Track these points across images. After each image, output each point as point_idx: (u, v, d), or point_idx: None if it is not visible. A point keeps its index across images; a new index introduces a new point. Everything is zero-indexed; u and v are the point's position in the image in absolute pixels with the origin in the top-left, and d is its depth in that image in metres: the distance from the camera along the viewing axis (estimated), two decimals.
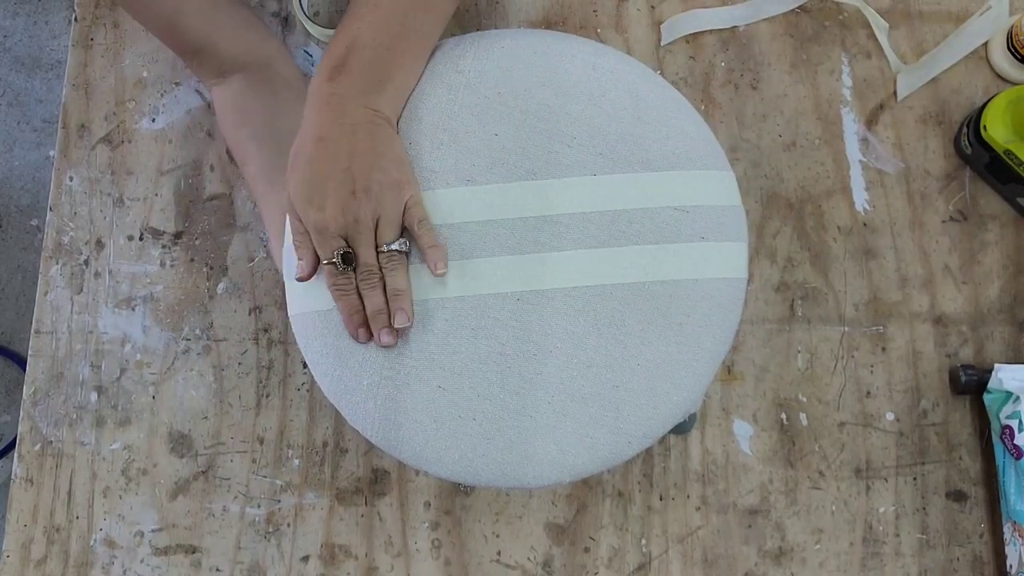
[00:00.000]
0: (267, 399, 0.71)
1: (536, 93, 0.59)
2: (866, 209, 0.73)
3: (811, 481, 0.69)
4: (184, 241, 0.74)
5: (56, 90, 1.52)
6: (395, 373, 0.56)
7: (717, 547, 0.68)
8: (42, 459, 0.71)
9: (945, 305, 0.72)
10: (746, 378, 0.71)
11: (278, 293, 0.72)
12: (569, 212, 0.57)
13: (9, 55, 1.54)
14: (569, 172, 0.58)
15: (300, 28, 0.77)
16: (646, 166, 0.58)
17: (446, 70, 0.60)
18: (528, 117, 0.59)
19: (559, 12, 0.77)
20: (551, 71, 0.60)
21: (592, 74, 0.60)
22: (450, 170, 0.58)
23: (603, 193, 0.58)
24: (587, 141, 0.58)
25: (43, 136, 1.51)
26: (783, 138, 0.75)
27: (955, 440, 0.70)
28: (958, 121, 0.75)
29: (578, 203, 0.57)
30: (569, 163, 0.58)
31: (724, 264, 0.58)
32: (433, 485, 0.69)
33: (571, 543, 0.68)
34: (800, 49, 0.76)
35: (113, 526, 0.69)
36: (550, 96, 0.59)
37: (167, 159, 0.75)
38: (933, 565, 0.68)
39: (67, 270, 0.73)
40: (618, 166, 0.58)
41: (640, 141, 0.59)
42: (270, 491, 0.70)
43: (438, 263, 0.55)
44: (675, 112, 0.59)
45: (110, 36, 0.77)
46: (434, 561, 0.68)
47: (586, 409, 0.55)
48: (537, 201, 0.57)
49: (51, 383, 0.72)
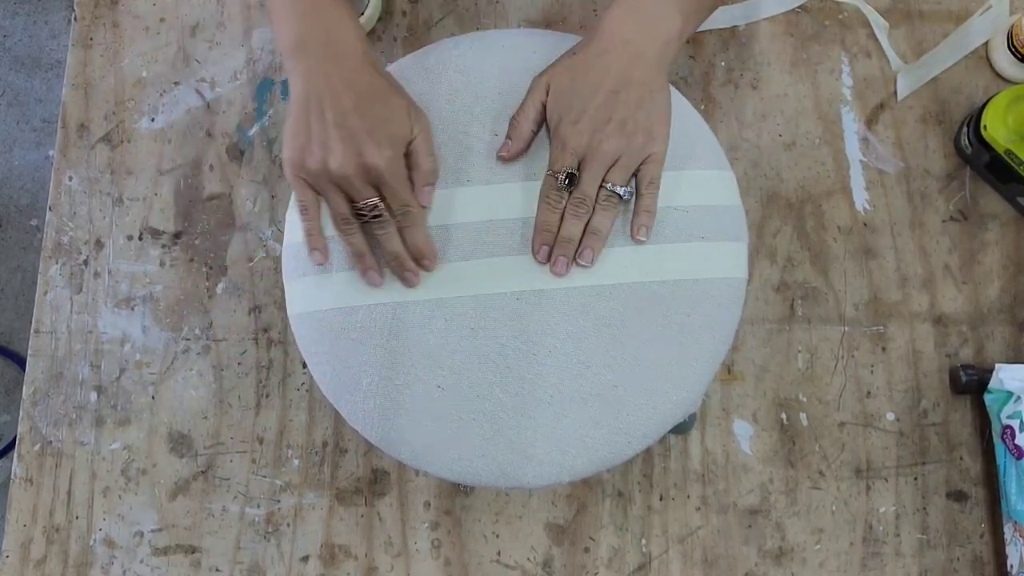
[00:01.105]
0: (267, 399, 0.71)
1: None
2: (866, 209, 0.73)
3: (811, 481, 0.69)
4: (183, 241, 0.74)
5: (56, 90, 1.52)
6: (395, 373, 0.55)
7: (717, 547, 0.68)
8: (42, 459, 0.70)
9: (945, 305, 0.72)
10: (746, 378, 0.71)
11: (277, 293, 0.72)
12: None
13: (9, 55, 1.54)
14: None
15: None
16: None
17: (446, 70, 0.60)
18: None
19: (559, 12, 0.77)
20: None
21: None
22: (450, 170, 0.58)
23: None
24: None
25: (42, 136, 1.51)
26: (783, 138, 0.75)
27: (955, 440, 0.70)
28: (958, 121, 0.74)
29: None
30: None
31: (724, 264, 0.57)
32: (433, 485, 0.69)
33: (571, 543, 0.68)
34: (800, 48, 0.76)
35: (112, 526, 0.69)
36: None
37: (166, 159, 0.75)
38: (933, 565, 0.68)
39: (66, 270, 0.73)
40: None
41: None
42: (270, 491, 0.70)
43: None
44: (675, 112, 0.59)
45: (110, 36, 0.77)
46: (434, 561, 0.68)
47: (586, 409, 0.55)
48: (537, 201, 0.57)
49: (51, 383, 0.72)
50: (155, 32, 0.77)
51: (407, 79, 0.59)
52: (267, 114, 0.75)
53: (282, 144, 0.56)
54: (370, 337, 0.56)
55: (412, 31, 0.77)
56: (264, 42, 0.77)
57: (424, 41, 0.75)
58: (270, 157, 0.75)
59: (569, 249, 0.55)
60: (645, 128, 0.55)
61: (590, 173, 0.54)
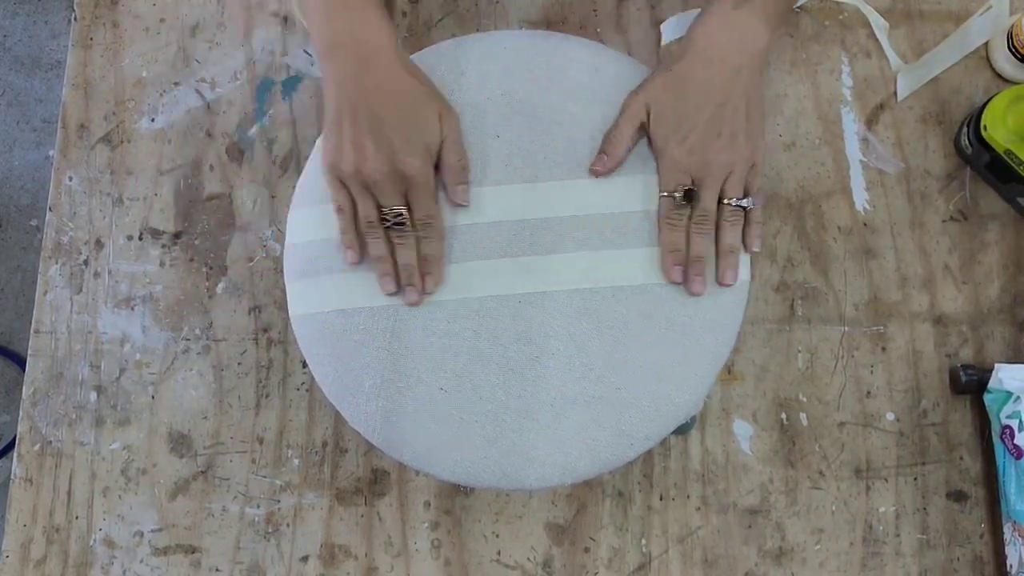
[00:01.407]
0: (267, 399, 0.71)
1: (538, 95, 0.59)
2: (866, 209, 0.73)
3: (811, 481, 0.69)
4: (183, 241, 0.74)
5: (56, 90, 1.52)
6: (396, 375, 0.56)
7: (717, 547, 0.68)
8: (41, 459, 0.70)
9: (945, 305, 0.72)
10: (746, 378, 0.71)
11: (278, 293, 0.72)
12: (571, 214, 0.57)
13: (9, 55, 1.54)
14: (571, 174, 0.58)
15: (300, 27, 0.77)
16: (648, 167, 0.58)
17: (448, 71, 0.60)
18: (530, 119, 0.59)
19: (559, 12, 0.77)
20: (553, 73, 0.60)
21: (595, 76, 0.60)
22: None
23: (605, 195, 0.58)
24: (589, 143, 0.58)
25: (43, 136, 1.51)
26: (783, 138, 0.75)
27: (955, 440, 0.70)
28: (958, 121, 0.74)
29: (580, 205, 0.57)
30: (571, 165, 0.58)
31: None
32: (433, 485, 0.69)
33: (571, 543, 0.68)
34: (800, 48, 0.76)
35: (112, 526, 0.69)
36: (552, 98, 0.59)
37: (166, 159, 0.75)
38: (933, 565, 0.68)
39: (66, 270, 0.73)
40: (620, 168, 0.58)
41: (642, 142, 0.59)
42: (270, 491, 0.70)
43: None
44: None
45: (110, 36, 0.77)
46: (434, 561, 0.68)
47: (588, 411, 0.55)
48: (539, 203, 0.57)
49: (50, 383, 0.72)
50: (155, 32, 0.77)
51: None
52: (267, 114, 0.75)
53: (321, 149, 0.57)
54: (372, 339, 0.56)
55: (412, 31, 0.77)
56: (264, 42, 0.77)
57: (424, 42, 0.75)
58: (270, 157, 0.75)
59: (701, 267, 0.56)
60: (751, 139, 0.55)
61: (708, 190, 0.55)
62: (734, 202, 0.55)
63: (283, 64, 0.77)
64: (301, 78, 0.76)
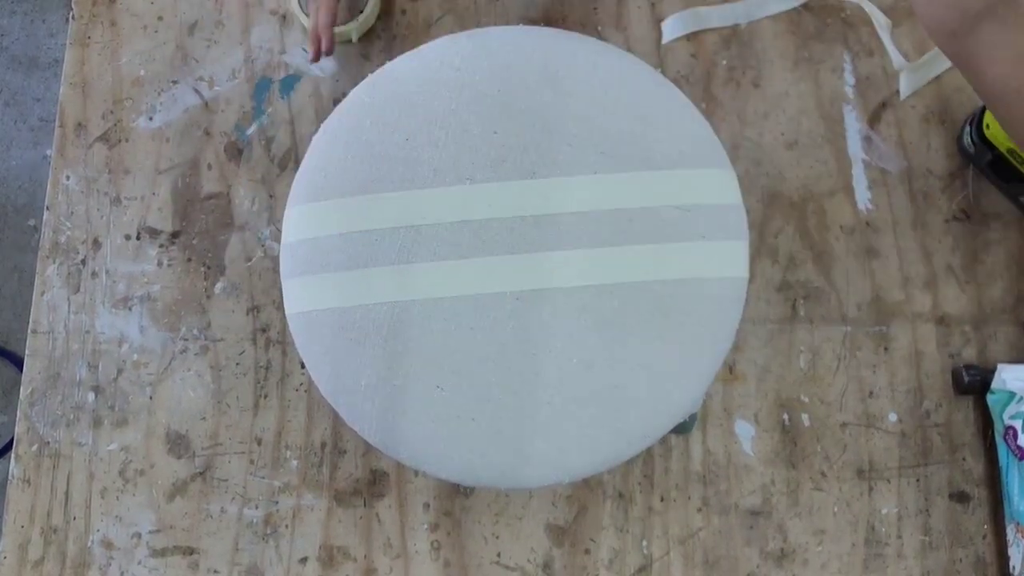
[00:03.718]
0: (265, 400, 0.70)
1: (537, 91, 0.59)
2: (868, 208, 0.73)
3: (813, 482, 0.69)
4: (181, 240, 0.73)
5: (53, 89, 1.51)
6: (394, 374, 0.55)
7: (718, 548, 0.68)
8: (39, 460, 0.70)
9: (948, 305, 0.72)
10: (748, 378, 0.70)
11: (276, 293, 0.72)
12: (569, 211, 0.57)
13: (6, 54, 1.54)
14: (570, 171, 0.57)
15: (298, 25, 0.77)
16: (647, 164, 0.58)
17: (446, 67, 0.59)
18: (528, 115, 0.58)
19: (559, 10, 0.77)
20: (552, 69, 0.59)
21: (593, 72, 0.59)
22: (449, 168, 0.58)
23: (604, 192, 0.57)
24: (588, 139, 0.58)
25: (40, 135, 1.51)
26: (785, 136, 0.74)
27: (958, 441, 0.70)
28: (961, 120, 0.74)
29: (578, 202, 0.57)
30: (570, 161, 0.58)
31: (725, 263, 0.57)
32: (432, 486, 0.69)
33: (571, 544, 0.68)
34: (802, 47, 0.76)
35: (110, 527, 0.69)
36: (551, 94, 0.59)
37: (164, 158, 0.75)
38: (936, 567, 0.68)
39: (64, 270, 0.73)
40: (619, 165, 0.58)
41: (641, 140, 0.58)
42: (268, 492, 0.69)
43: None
44: (676, 110, 0.59)
45: (107, 34, 0.77)
46: (433, 563, 0.68)
47: (586, 409, 0.55)
48: (537, 200, 0.57)
49: (48, 383, 0.71)
50: (153, 31, 0.77)
51: (405, 77, 0.59)
52: (265, 113, 0.75)
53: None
54: (369, 337, 0.56)
55: (411, 29, 0.77)
56: (262, 40, 0.77)
57: (424, 39, 0.74)
58: (268, 156, 0.74)
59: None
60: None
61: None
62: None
63: (281, 62, 0.76)
64: (299, 76, 0.76)
